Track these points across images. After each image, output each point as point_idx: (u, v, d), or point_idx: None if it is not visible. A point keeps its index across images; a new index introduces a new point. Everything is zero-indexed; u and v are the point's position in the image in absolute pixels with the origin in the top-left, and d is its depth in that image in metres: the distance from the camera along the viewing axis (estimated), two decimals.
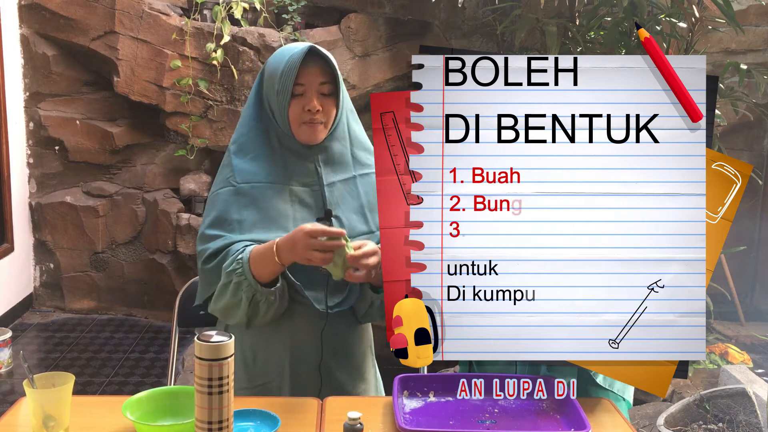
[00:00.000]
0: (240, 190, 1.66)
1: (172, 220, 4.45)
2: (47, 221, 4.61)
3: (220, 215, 1.66)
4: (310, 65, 1.64)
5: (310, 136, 1.68)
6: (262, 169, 1.68)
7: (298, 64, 1.62)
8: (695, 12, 3.41)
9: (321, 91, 1.66)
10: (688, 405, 2.93)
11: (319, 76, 1.65)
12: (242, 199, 1.66)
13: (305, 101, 1.65)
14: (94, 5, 4.32)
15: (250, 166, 1.68)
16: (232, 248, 1.62)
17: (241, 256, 1.60)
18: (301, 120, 1.66)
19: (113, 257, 4.69)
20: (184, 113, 4.37)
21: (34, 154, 4.60)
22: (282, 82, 1.63)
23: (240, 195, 1.66)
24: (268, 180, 1.68)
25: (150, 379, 3.81)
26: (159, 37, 4.31)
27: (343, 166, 1.74)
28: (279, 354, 1.71)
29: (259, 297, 1.60)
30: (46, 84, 4.53)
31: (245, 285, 1.58)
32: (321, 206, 1.70)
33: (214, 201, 1.68)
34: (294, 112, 1.65)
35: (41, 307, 4.72)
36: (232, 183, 1.67)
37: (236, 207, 1.65)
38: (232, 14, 4.20)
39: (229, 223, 1.65)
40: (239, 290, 1.59)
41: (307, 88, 1.65)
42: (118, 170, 4.67)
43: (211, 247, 1.64)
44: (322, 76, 1.66)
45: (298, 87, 1.64)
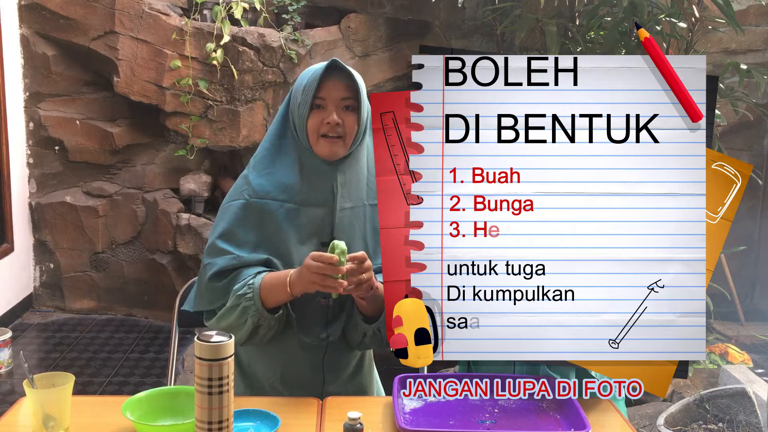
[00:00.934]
0: (250, 205, 1.66)
1: (172, 220, 4.45)
2: (47, 221, 4.61)
3: (229, 229, 1.66)
4: (333, 79, 1.64)
5: (329, 150, 1.65)
6: (277, 186, 1.67)
7: (319, 76, 1.61)
8: (695, 12, 3.41)
9: (342, 105, 1.65)
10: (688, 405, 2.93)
11: (341, 91, 1.64)
12: (250, 215, 1.66)
13: (325, 114, 1.64)
14: (94, 5, 4.31)
15: (266, 181, 1.68)
16: (243, 272, 1.63)
17: (252, 281, 1.61)
18: (319, 133, 1.65)
19: (113, 257, 4.69)
20: (184, 113, 4.37)
21: (34, 154, 4.60)
22: (303, 94, 1.64)
23: (249, 210, 1.66)
24: (280, 198, 1.67)
25: (150, 379, 3.81)
26: (159, 37, 4.31)
27: (357, 193, 1.72)
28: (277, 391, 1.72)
29: (262, 322, 1.62)
30: (46, 84, 4.53)
31: (252, 310, 1.60)
32: (328, 231, 1.69)
33: (225, 212, 1.69)
34: (313, 124, 1.64)
35: (41, 307, 4.72)
36: (244, 196, 1.67)
37: (243, 224, 1.66)
38: (232, 14, 4.20)
39: (236, 238, 1.66)
40: (245, 314, 1.60)
41: (327, 102, 1.64)
42: (118, 170, 4.67)
43: (219, 263, 1.64)
44: (344, 91, 1.64)
45: (319, 100, 1.64)
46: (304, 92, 1.64)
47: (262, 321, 1.61)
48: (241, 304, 1.60)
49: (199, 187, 4.50)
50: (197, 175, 4.55)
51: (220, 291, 1.65)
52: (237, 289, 1.61)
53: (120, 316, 4.69)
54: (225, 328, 1.64)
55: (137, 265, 4.67)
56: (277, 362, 1.73)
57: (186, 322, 1.99)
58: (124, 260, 4.69)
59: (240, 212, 1.67)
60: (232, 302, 1.61)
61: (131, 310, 4.71)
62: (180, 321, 1.99)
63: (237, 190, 1.71)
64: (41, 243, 4.66)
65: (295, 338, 1.69)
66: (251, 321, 1.61)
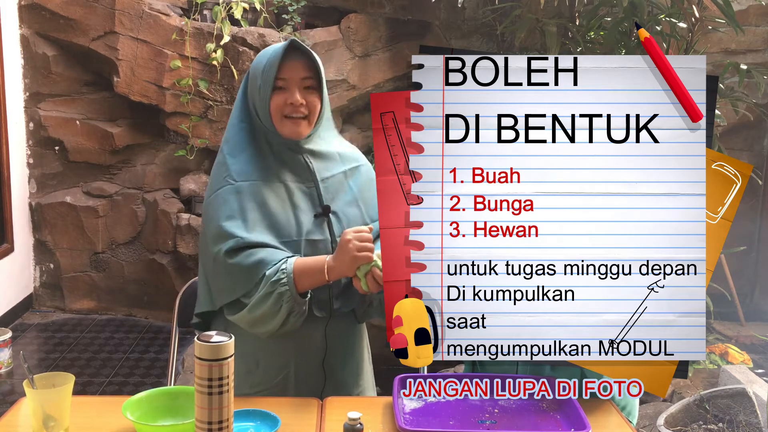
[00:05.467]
0: (239, 188, 1.66)
1: (172, 221, 4.45)
2: (47, 221, 4.61)
3: (228, 213, 1.65)
4: (292, 59, 1.65)
5: (293, 130, 1.68)
6: (256, 167, 1.69)
7: (279, 57, 1.63)
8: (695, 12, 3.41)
9: (303, 85, 1.67)
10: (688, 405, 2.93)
11: (301, 71, 1.66)
12: (242, 196, 1.66)
13: (287, 95, 1.66)
14: (94, 5, 4.32)
15: (245, 165, 1.69)
16: (268, 257, 1.61)
17: (284, 266, 1.60)
18: (282, 113, 1.67)
19: (113, 257, 4.69)
20: (184, 113, 4.37)
21: (34, 154, 4.60)
22: (264, 76, 1.65)
23: (240, 193, 1.66)
24: (263, 178, 1.68)
25: (150, 379, 3.81)
26: (159, 37, 4.31)
27: (331, 162, 1.76)
28: (284, 356, 1.71)
29: (295, 308, 1.61)
30: (46, 84, 4.53)
31: (287, 296, 1.59)
32: (317, 203, 1.71)
33: (216, 201, 1.68)
34: (276, 105, 1.66)
35: (41, 307, 4.72)
36: (229, 181, 1.67)
37: (238, 205, 1.65)
38: (232, 14, 4.20)
39: (236, 220, 1.64)
40: (281, 300, 1.60)
41: (289, 82, 1.66)
42: (118, 170, 4.67)
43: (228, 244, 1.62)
44: (305, 71, 1.66)
45: (280, 81, 1.65)
46: (264, 74, 1.65)
47: (296, 307, 1.61)
48: (276, 290, 1.59)
49: (199, 187, 4.50)
50: (197, 175, 4.55)
51: (244, 273, 1.61)
52: (270, 275, 1.60)
53: (120, 316, 4.69)
54: (258, 318, 1.63)
55: (137, 266, 4.67)
56: (289, 354, 1.71)
57: (186, 322, 1.98)
58: (124, 260, 4.69)
59: (231, 196, 1.66)
60: (267, 289, 1.60)
61: (131, 311, 4.71)
62: (180, 321, 1.99)
63: (219, 178, 1.69)
64: (41, 243, 4.66)
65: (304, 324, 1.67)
66: (286, 307, 1.60)
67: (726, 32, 4.03)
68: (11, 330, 3.90)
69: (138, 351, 4.16)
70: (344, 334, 1.76)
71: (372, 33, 4.39)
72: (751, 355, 3.79)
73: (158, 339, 4.36)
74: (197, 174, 4.56)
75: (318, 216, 1.69)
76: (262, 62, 1.67)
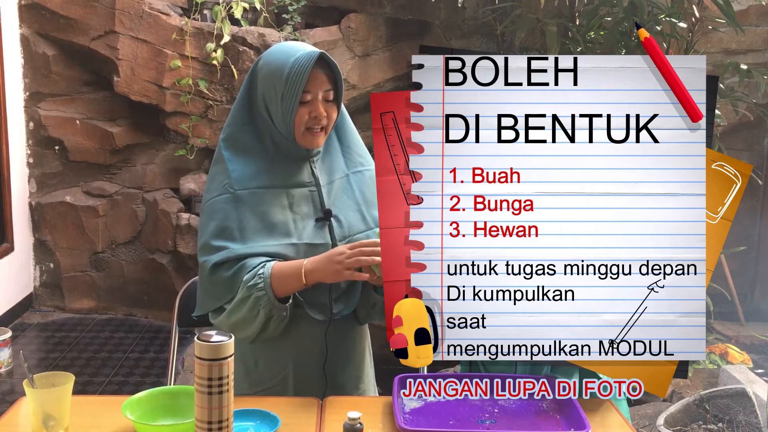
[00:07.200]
0: (238, 197, 1.64)
1: (172, 220, 4.45)
2: (47, 221, 4.61)
3: (221, 224, 1.63)
4: (316, 71, 1.61)
5: (313, 142, 1.67)
6: (258, 172, 1.66)
7: (308, 70, 1.59)
8: (695, 12, 3.41)
9: (326, 97, 1.65)
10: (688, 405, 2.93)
11: (325, 83, 1.63)
12: (241, 206, 1.64)
13: (311, 108, 1.63)
14: (94, 5, 4.32)
15: (246, 170, 1.66)
16: (248, 262, 1.60)
17: (262, 271, 1.59)
18: (305, 126, 1.65)
19: (113, 257, 4.69)
20: (184, 113, 4.37)
21: (34, 154, 4.60)
22: (289, 87, 1.60)
23: (238, 202, 1.64)
24: (265, 184, 1.66)
25: (150, 379, 3.81)
26: (159, 37, 4.31)
27: (336, 166, 1.75)
28: (283, 358, 1.71)
29: (274, 312, 1.60)
30: (46, 84, 4.53)
31: (264, 300, 1.58)
32: (319, 207, 1.70)
33: (212, 210, 1.65)
34: (300, 118, 1.63)
35: (41, 307, 4.72)
36: (228, 190, 1.65)
37: (236, 215, 1.63)
38: (232, 14, 4.20)
39: (231, 232, 1.63)
40: (257, 305, 1.58)
41: (314, 96, 1.63)
42: (118, 170, 4.67)
43: (214, 259, 1.62)
44: (328, 83, 1.64)
45: (306, 94, 1.62)
46: (290, 84, 1.60)
47: (274, 312, 1.59)
48: (252, 294, 1.58)
49: (199, 187, 4.50)
50: (197, 175, 4.55)
51: (225, 284, 1.61)
52: (247, 279, 1.59)
53: (120, 315, 4.69)
54: (236, 323, 1.62)
55: (137, 265, 4.67)
56: (288, 356, 1.70)
57: (186, 322, 1.99)
58: (124, 260, 4.69)
59: (228, 206, 1.64)
60: (243, 294, 1.59)
61: (131, 310, 4.71)
62: (180, 321, 1.99)
63: (219, 184, 1.67)
64: (41, 243, 4.66)
65: (303, 327, 1.67)
66: (264, 312, 1.59)
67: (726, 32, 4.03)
68: (11, 329, 3.90)
69: (138, 351, 4.16)
70: (345, 337, 1.75)
71: (372, 33, 4.39)
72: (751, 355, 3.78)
73: (158, 339, 4.36)
74: (197, 174, 4.56)
75: (319, 220, 1.68)
76: (284, 68, 1.60)
